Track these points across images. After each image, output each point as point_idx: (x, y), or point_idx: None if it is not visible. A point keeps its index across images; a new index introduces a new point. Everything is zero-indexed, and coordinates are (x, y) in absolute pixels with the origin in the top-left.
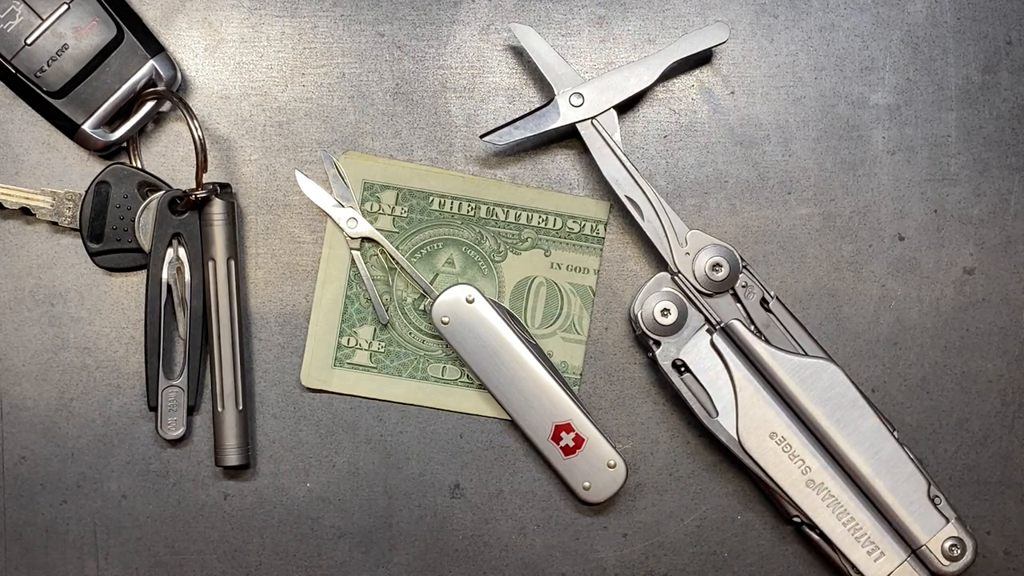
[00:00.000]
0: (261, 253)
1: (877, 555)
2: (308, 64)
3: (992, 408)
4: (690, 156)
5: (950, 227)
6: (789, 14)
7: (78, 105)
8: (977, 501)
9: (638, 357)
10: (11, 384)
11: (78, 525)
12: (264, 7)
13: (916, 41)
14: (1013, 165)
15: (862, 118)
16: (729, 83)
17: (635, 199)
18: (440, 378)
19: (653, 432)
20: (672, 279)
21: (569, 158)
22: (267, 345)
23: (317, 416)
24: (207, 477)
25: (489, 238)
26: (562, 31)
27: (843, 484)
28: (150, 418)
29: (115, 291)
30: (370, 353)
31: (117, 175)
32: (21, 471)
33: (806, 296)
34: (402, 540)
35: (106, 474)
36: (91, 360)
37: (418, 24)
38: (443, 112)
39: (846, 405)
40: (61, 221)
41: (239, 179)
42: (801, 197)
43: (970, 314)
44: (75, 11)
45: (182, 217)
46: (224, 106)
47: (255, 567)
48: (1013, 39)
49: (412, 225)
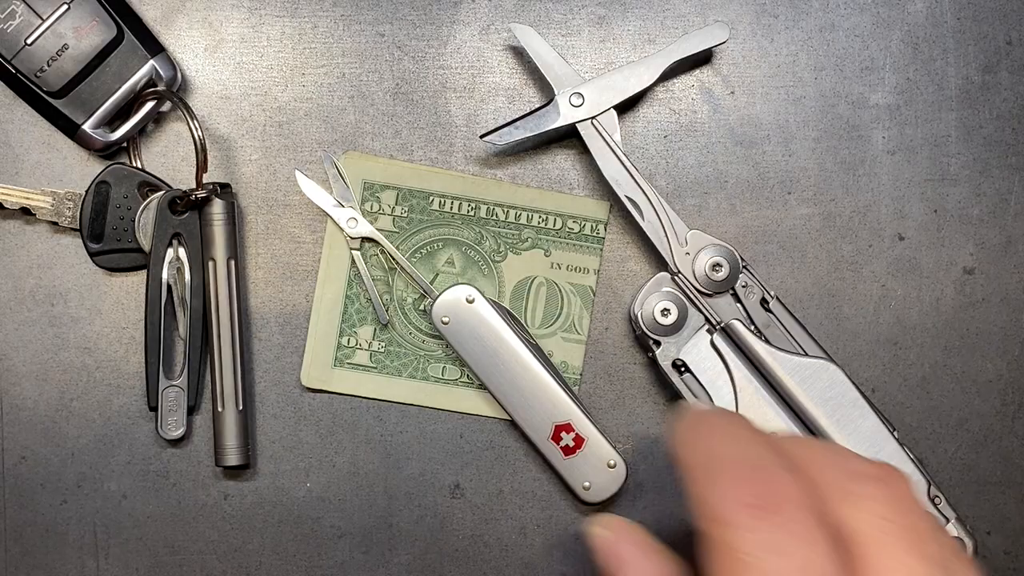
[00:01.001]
0: (261, 253)
1: None
2: (308, 64)
3: (992, 408)
4: (690, 156)
5: (950, 227)
6: (789, 14)
7: (78, 105)
8: (977, 501)
9: (638, 357)
10: (11, 384)
11: (78, 525)
12: (264, 7)
13: (916, 41)
14: (1013, 165)
15: (862, 118)
16: (729, 83)
17: (635, 199)
18: (440, 378)
19: (653, 432)
20: (672, 279)
21: (569, 158)
22: (267, 345)
23: (317, 416)
24: (207, 477)
25: (489, 238)
26: (562, 31)
27: None
28: (150, 418)
29: (115, 291)
30: (370, 353)
31: (117, 175)
32: (21, 471)
33: (806, 296)
34: (402, 540)
35: (106, 474)
36: (91, 360)
37: (418, 24)
38: (443, 112)
39: (846, 405)
40: (61, 221)
41: (239, 179)
42: (801, 197)
43: (970, 314)
44: (75, 11)
45: (182, 217)
46: (224, 106)
47: (255, 567)
48: (1013, 39)
49: (412, 225)
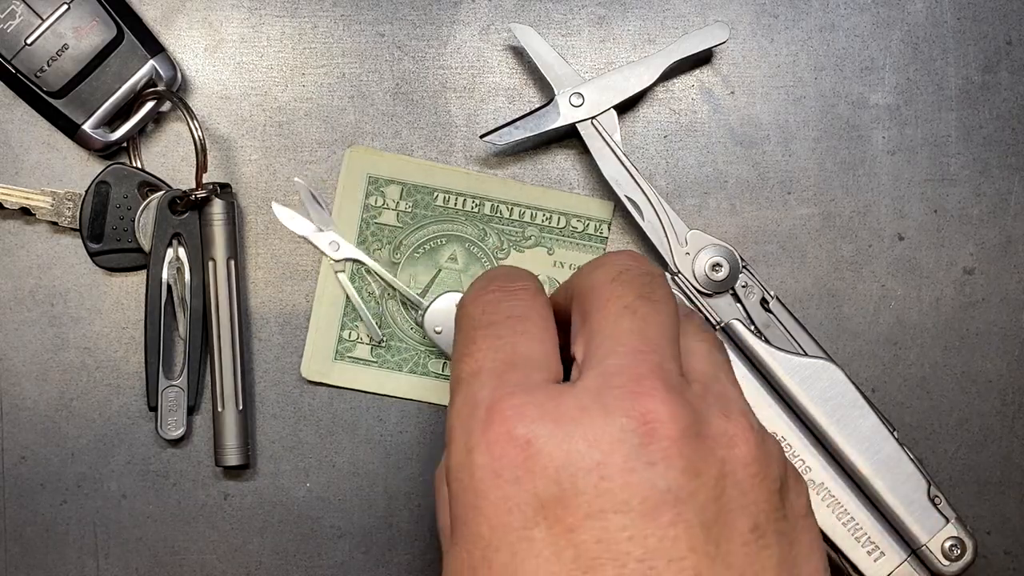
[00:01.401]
0: (261, 253)
1: (877, 555)
2: (308, 64)
3: (992, 408)
4: (690, 156)
5: (950, 227)
6: (789, 14)
7: (78, 105)
8: (977, 501)
9: None
10: (11, 384)
11: (78, 525)
12: (264, 7)
13: (916, 41)
14: (1013, 165)
15: (862, 118)
16: (729, 83)
17: (635, 199)
18: (440, 374)
19: None
20: (672, 279)
21: (569, 158)
22: (267, 345)
23: (317, 416)
24: (207, 477)
25: (493, 235)
26: (562, 31)
27: (843, 484)
28: (150, 418)
29: (115, 291)
30: (371, 347)
31: (117, 175)
32: (21, 471)
33: (806, 296)
34: (402, 540)
35: (106, 474)
36: (91, 360)
37: (418, 24)
38: (443, 112)
39: (846, 405)
40: (61, 221)
41: (239, 179)
42: (801, 197)
43: (970, 314)
44: (75, 11)
45: (182, 217)
46: (224, 106)
47: (255, 567)
48: (1013, 39)
49: (416, 220)
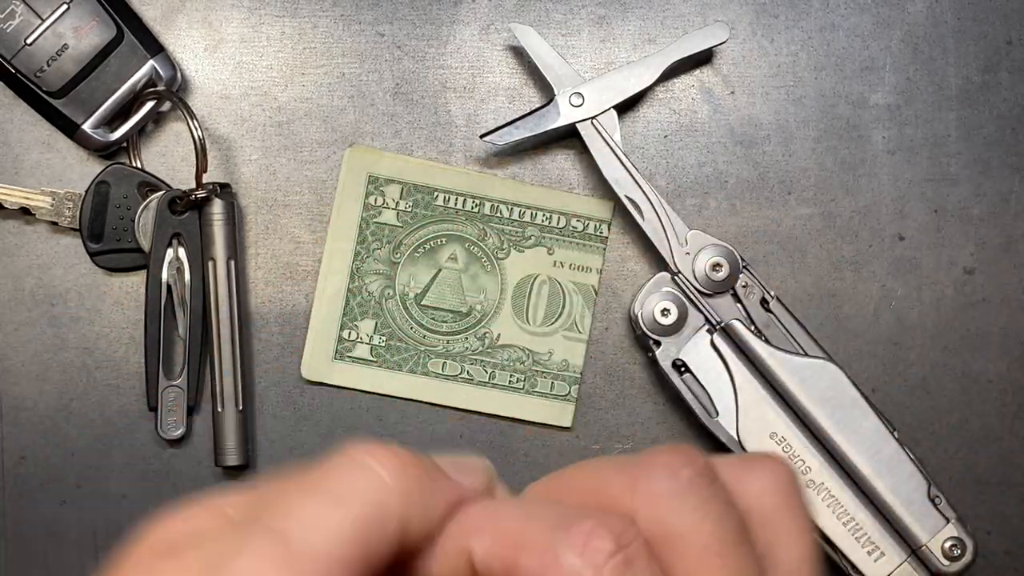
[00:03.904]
0: (261, 253)
1: (877, 555)
2: (308, 64)
3: (992, 408)
4: (690, 156)
5: (950, 227)
6: (789, 14)
7: (78, 105)
8: (977, 501)
9: (638, 357)
10: (11, 384)
11: (78, 525)
12: (264, 7)
13: (916, 41)
14: (1013, 165)
15: (862, 118)
16: (729, 83)
17: (635, 199)
18: (440, 373)
19: (653, 432)
20: (672, 279)
21: (569, 158)
22: (267, 345)
23: (317, 416)
24: (207, 477)
25: (493, 235)
26: (562, 31)
27: (843, 484)
28: (150, 418)
29: (115, 291)
30: (371, 347)
31: (117, 175)
32: (21, 471)
33: (806, 296)
34: None
35: (106, 474)
36: (91, 360)
37: (418, 24)
38: (443, 112)
39: (846, 405)
40: (61, 221)
41: (239, 179)
42: (801, 197)
43: (970, 314)
44: (75, 11)
45: (182, 217)
46: (224, 106)
47: None
48: (1013, 39)
49: (416, 220)
